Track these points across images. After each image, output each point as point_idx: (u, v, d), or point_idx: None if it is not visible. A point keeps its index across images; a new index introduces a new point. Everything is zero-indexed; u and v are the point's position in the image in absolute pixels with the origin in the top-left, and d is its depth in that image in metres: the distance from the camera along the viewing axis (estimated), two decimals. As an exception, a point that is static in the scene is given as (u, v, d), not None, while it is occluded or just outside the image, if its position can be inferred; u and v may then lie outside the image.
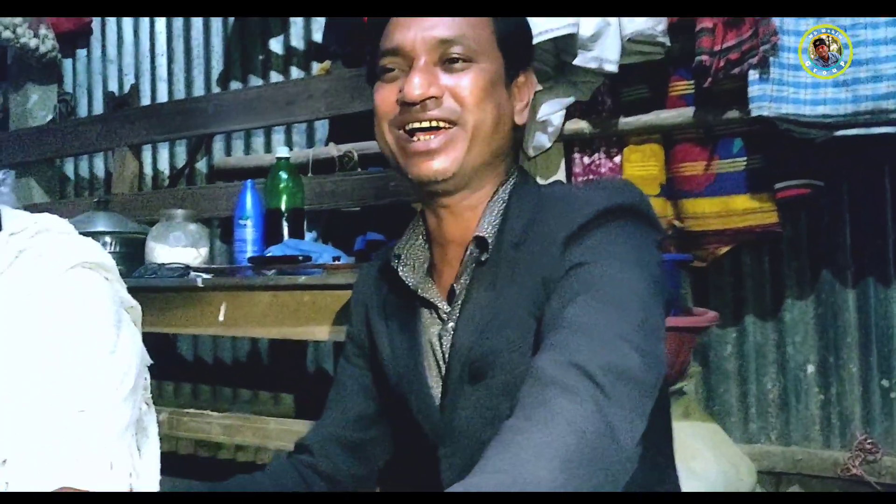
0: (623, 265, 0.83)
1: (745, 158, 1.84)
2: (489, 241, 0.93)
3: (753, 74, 1.65)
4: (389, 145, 0.96)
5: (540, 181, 1.15)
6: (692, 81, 1.88)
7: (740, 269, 2.05)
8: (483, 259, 0.93)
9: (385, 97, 0.95)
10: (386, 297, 1.05)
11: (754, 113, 1.66)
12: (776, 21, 1.62)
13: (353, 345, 1.11)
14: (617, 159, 2.00)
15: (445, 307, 0.97)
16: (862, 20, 1.57)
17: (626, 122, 1.96)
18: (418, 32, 0.92)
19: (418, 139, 0.93)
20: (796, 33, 1.64)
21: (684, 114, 1.89)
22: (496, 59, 0.95)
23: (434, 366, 0.98)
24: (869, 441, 1.89)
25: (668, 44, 1.79)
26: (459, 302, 0.95)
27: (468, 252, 0.95)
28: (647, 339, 0.77)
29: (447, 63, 0.92)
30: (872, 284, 1.91)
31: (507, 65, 0.96)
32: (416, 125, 0.92)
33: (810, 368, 1.99)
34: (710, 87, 1.73)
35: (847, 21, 1.58)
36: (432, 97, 0.91)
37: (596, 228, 0.86)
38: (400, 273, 1.00)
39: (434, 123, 0.92)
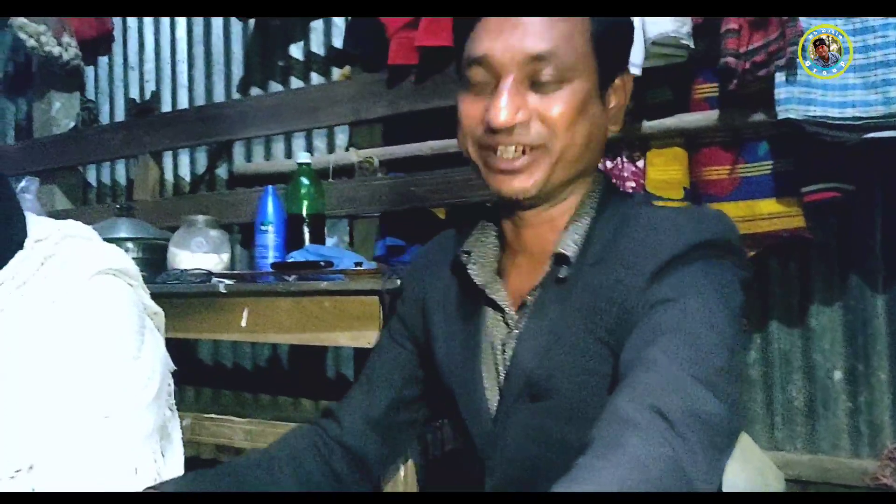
0: (710, 304, 0.80)
1: (771, 162, 1.81)
2: (571, 259, 0.90)
3: (780, 76, 1.62)
4: (472, 157, 0.94)
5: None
6: (717, 84, 1.85)
7: (767, 274, 2.02)
8: (562, 276, 0.90)
9: (469, 112, 0.92)
10: (447, 289, 1.02)
11: (781, 116, 1.63)
12: (803, 22, 1.60)
13: (403, 326, 1.08)
14: (640, 163, 1.98)
15: (513, 314, 0.94)
16: (893, 20, 1.54)
17: (650, 125, 1.94)
18: (508, 43, 0.87)
19: (501, 156, 0.90)
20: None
21: (709, 117, 1.86)
22: (591, 71, 0.89)
23: (493, 370, 0.95)
24: (899, 450, 1.85)
25: (693, 46, 1.77)
26: (529, 313, 0.92)
27: (547, 268, 0.92)
28: (729, 384, 0.75)
29: (537, 83, 0.87)
30: (903, 290, 1.88)
31: (602, 75, 0.91)
32: (501, 148, 0.89)
33: (838, 375, 1.95)
34: (736, 89, 1.70)
35: (877, 21, 1.55)
36: (519, 123, 0.87)
37: (685, 263, 0.83)
38: (469, 271, 0.97)
39: (520, 148, 0.89)
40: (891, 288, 1.89)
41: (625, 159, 1.99)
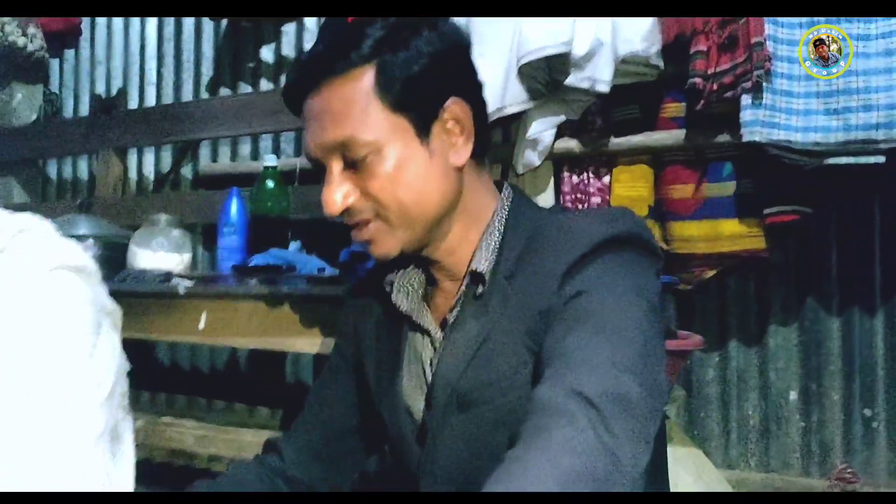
0: (621, 294, 0.82)
1: (734, 183, 1.83)
2: (485, 275, 0.92)
3: (746, 99, 1.65)
4: None
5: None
6: (684, 104, 1.88)
7: (725, 293, 2.05)
8: (478, 293, 0.92)
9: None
10: (378, 319, 1.04)
11: (746, 138, 1.66)
12: (770, 44, 1.63)
13: (341, 358, 1.10)
14: (606, 179, 2.00)
15: (438, 335, 0.96)
16: (853, 48, 1.58)
17: (617, 142, 1.96)
18: (313, 137, 0.91)
19: (352, 232, 0.95)
20: (791, 42, 1.64)
21: (675, 136, 1.89)
22: (401, 129, 0.89)
23: (423, 390, 0.97)
24: (849, 470, 1.88)
25: (662, 66, 1.79)
26: (449, 330, 0.94)
27: (463, 286, 0.94)
28: (646, 366, 0.77)
29: (351, 162, 0.90)
30: (857, 314, 1.92)
31: (418, 122, 0.90)
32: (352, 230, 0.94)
33: (792, 395, 1.99)
34: (703, 110, 1.73)
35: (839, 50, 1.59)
36: (349, 207, 0.91)
37: (594, 260, 0.85)
38: (393, 299, 0.98)
39: (361, 224, 0.93)
40: (845, 310, 1.93)
41: (591, 175, 2.01)
